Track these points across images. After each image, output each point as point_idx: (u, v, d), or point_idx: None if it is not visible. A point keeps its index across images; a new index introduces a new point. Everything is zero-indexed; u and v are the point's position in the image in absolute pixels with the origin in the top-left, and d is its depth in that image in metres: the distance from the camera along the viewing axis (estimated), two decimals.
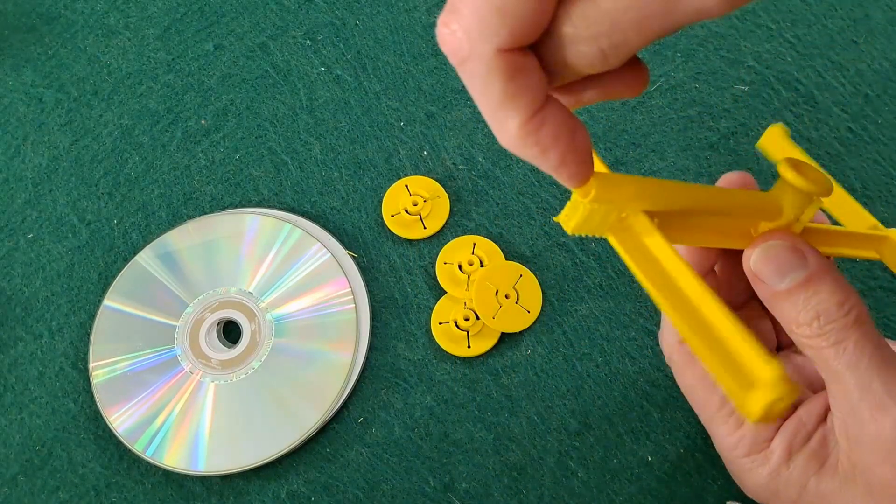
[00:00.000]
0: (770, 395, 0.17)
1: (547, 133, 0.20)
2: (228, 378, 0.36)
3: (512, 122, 0.20)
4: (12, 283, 0.40)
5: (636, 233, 0.22)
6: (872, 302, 0.36)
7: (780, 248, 0.24)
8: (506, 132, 0.20)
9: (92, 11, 0.48)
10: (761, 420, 0.18)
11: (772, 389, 0.17)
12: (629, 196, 0.22)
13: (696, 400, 0.27)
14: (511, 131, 0.20)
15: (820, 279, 0.24)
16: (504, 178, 0.40)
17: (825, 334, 0.23)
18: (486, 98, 0.20)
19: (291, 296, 0.38)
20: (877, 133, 0.40)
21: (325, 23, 0.46)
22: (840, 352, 0.23)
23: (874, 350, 0.23)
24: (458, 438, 0.35)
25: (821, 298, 0.24)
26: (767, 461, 0.25)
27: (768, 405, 0.17)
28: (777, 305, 0.24)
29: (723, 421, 0.26)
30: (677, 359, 0.28)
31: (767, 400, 0.17)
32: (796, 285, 0.24)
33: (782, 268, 0.24)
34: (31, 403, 0.37)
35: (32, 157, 0.43)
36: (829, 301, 0.23)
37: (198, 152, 0.43)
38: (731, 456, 0.27)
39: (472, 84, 0.19)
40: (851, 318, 0.23)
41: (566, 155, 0.20)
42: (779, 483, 0.25)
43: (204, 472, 0.34)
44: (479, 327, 0.36)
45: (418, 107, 0.43)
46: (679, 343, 0.28)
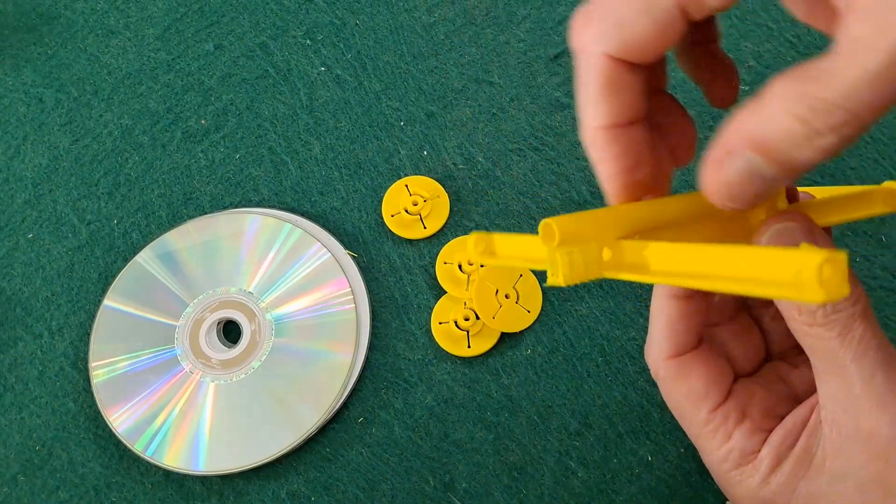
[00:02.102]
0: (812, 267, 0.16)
1: (613, 149, 0.22)
2: (228, 378, 0.36)
3: (592, 120, 0.22)
4: (12, 283, 0.40)
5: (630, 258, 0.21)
6: (873, 302, 0.36)
7: (796, 230, 0.23)
8: (584, 126, 0.23)
9: (92, 11, 0.48)
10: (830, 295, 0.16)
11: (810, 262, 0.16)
12: (595, 227, 0.21)
13: (684, 416, 0.27)
14: (587, 128, 0.23)
15: None
16: (504, 178, 0.40)
17: (831, 323, 0.23)
18: (582, 91, 0.22)
19: (291, 296, 0.38)
20: (877, 133, 0.40)
21: (325, 23, 0.46)
22: (846, 342, 0.23)
23: (879, 344, 0.23)
24: (458, 438, 0.35)
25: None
26: (756, 471, 0.25)
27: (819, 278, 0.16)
28: None
29: (710, 436, 0.26)
30: (664, 374, 0.27)
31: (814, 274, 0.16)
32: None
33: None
34: (31, 403, 0.37)
35: (32, 157, 0.43)
36: None
37: (198, 152, 0.43)
38: (721, 470, 0.26)
39: (578, 74, 0.22)
40: (859, 308, 0.23)
41: (614, 177, 0.23)
42: (769, 492, 0.25)
43: (204, 472, 0.34)
44: (479, 327, 0.36)
45: (418, 107, 0.43)
46: (665, 359, 0.27)
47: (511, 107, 0.42)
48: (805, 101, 0.17)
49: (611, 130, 0.22)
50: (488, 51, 0.44)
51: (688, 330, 0.27)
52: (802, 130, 0.18)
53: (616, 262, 0.22)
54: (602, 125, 0.22)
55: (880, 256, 0.37)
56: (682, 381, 0.27)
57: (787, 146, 0.18)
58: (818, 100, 0.17)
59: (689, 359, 0.27)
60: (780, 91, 0.18)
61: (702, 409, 0.26)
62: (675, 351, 0.27)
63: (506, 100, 0.42)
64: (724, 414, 0.26)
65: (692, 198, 0.23)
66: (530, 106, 0.42)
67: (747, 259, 0.18)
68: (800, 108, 0.17)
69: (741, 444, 0.25)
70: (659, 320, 0.27)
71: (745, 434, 0.25)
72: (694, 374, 0.26)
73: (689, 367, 0.26)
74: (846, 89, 0.17)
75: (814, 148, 0.18)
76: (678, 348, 0.27)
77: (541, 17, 0.45)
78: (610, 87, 0.22)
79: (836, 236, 0.38)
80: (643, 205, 0.23)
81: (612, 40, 0.21)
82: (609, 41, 0.21)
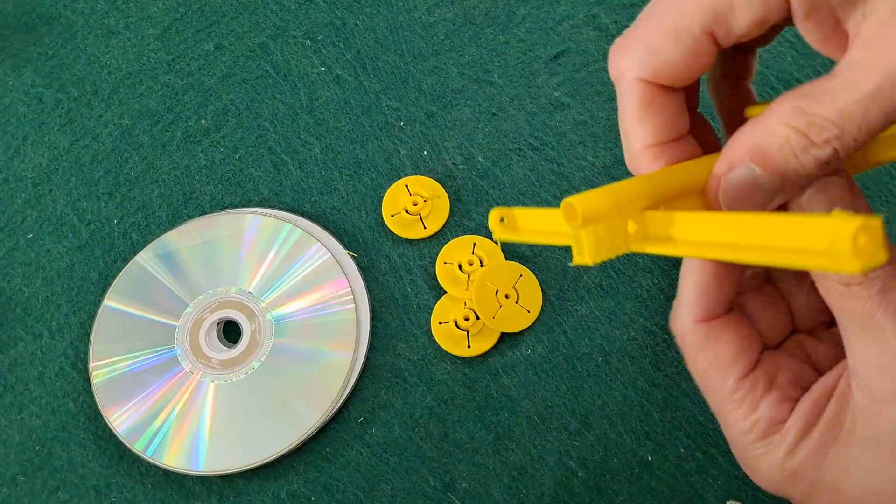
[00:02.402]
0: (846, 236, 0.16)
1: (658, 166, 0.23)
2: (228, 378, 0.36)
3: (635, 141, 0.24)
4: (12, 283, 0.40)
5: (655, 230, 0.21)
6: None
7: (837, 184, 0.22)
8: (629, 149, 0.24)
9: (92, 11, 0.48)
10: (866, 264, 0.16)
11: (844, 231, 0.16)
12: (619, 201, 0.21)
13: (709, 384, 0.26)
14: (632, 149, 0.24)
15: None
16: (504, 178, 0.40)
17: (870, 282, 0.22)
18: (623, 115, 0.24)
19: (291, 296, 0.38)
20: None
21: (325, 23, 0.46)
22: (885, 301, 0.22)
23: None
24: (458, 438, 0.35)
25: None
26: (784, 441, 0.24)
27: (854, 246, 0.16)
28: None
29: (737, 405, 0.25)
30: (691, 339, 0.26)
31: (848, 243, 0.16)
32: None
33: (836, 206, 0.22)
34: (31, 403, 0.37)
35: (32, 157, 0.43)
36: None
37: (198, 152, 0.43)
38: (745, 442, 0.25)
39: (619, 101, 0.24)
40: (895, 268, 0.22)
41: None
42: (796, 462, 0.24)
43: (204, 472, 0.34)
44: (479, 327, 0.36)
45: (418, 107, 0.43)
46: (694, 323, 0.26)
47: (511, 107, 0.42)
48: (802, 117, 0.19)
49: (653, 149, 0.24)
50: (488, 51, 0.44)
51: (720, 293, 0.26)
52: (798, 142, 0.19)
53: (642, 235, 0.21)
54: (644, 145, 0.24)
55: None
56: (710, 347, 0.26)
57: (784, 156, 0.20)
58: (814, 115, 0.19)
59: (719, 324, 0.26)
60: (780, 107, 0.20)
61: (730, 376, 0.25)
62: (705, 315, 0.26)
63: (506, 100, 0.42)
64: (752, 382, 0.25)
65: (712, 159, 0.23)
66: (530, 106, 0.42)
67: (778, 228, 0.18)
68: (797, 122, 0.19)
69: (769, 414, 0.24)
70: (690, 281, 0.26)
71: (772, 403, 0.24)
72: (724, 338, 0.25)
73: (719, 332, 0.26)
74: (840, 107, 0.19)
75: (809, 159, 0.19)
76: (709, 312, 0.26)
77: (541, 17, 0.45)
78: (647, 109, 0.23)
79: None
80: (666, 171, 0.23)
81: (645, 65, 0.23)
82: (643, 67, 0.23)
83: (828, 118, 0.19)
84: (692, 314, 0.26)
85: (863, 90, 0.19)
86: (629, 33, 0.23)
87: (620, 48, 0.24)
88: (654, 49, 0.23)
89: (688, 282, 0.26)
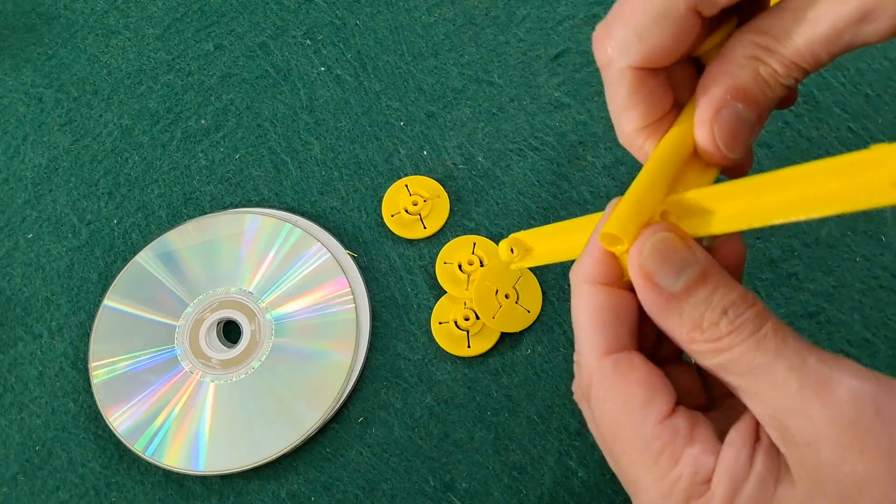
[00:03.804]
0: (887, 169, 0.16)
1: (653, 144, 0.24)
2: (228, 378, 0.36)
3: (626, 126, 0.24)
4: (12, 283, 0.40)
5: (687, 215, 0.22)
6: (873, 301, 0.36)
7: (673, 241, 0.21)
8: (621, 132, 0.24)
9: (92, 11, 0.48)
10: None
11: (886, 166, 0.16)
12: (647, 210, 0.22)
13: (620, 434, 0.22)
14: (624, 133, 0.24)
15: (715, 271, 0.21)
16: (504, 178, 0.40)
17: (739, 328, 0.20)
18: (612, 101, 0.24)
19: (291, 296, 0.38)
20: (877, 133, 0.40)
21: (325, 23, 0.46)
22: (762, 341, 0.19)
23: (792, 332, 0.20)
24: (458, 438, 0.35)
25: (724, 291, 0.20)
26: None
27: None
28: (674, 312, 0.21)
29: (652, 462, 0.21)
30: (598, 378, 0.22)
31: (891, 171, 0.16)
32: (693, 282, 0.20)
33: (678, 264, 0.21)
34: (31, 403, 0.37)
35: (32, 157, 0.43)
36: (733, 292, 0.20)
37: (198, 152, 0.43)
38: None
39: (606, 86, 0.24)
40: (760, 306, 0.20)
41: None
42: None
43: (204, 471, 0.34)
44: (479, 327, 0.36)
45: (418, 107, 0.43)
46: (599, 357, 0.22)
47: (511, 107, 0.42)
48: (768, 55, 0.21)
49: (645, 130, 0.24)
50: (488, 51, 0.44)
51: (618, 321, 0.22)
52: (768, 74, 0.21)
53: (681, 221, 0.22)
54: (636, 128, 0.24)
55: (880, 256, 0.37)
56: (621, 383, 0.22)
57: (760, 88, 0.21)
58: (779, 55, 0.21)
59: (627, 356, 0.22)
60: (742, 46, 0.21)
61: (648, 418, 0.21)
62: (609, 345, 0.22)
63: (506, 100, 0.42)
64: (674, 429, 0.21)
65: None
66: (530, 106, 0.42)
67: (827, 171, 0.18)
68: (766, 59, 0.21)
69: (690, 469, 0.20)
70: (584, 314, 0.23)
71: (697, 456, 0.20)
72: (635, 373, 0.22)
73: (629, 366, 0.22)
74: (797, 47, 0.21)
75: (778, 87, 0.21)
76: (613, 342, 0.22)
77: (541, 17, 0.45)
78: (636, 95, 0.23)
79: (836, 236, 0.38)
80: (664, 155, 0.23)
81: (632, 52, 0.22)
82: (630, 54, 0.23)
83: (788, 58, 0.21)
84: (595, 348, 0.22)
85: (817, 33, 0.20)
86: (613, 17, 0.23)
87: (605, 33, 0.23)
88: (640, 34, 0.22)
89: (581, 316, 0.23)
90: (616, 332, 0.22)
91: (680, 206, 0.21)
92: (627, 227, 0.21)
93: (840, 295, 0.36)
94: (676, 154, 0.23)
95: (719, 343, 0.20)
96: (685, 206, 0.21)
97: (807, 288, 0.37)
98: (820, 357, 0.19)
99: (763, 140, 0.40)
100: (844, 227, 0.38)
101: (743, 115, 0.22)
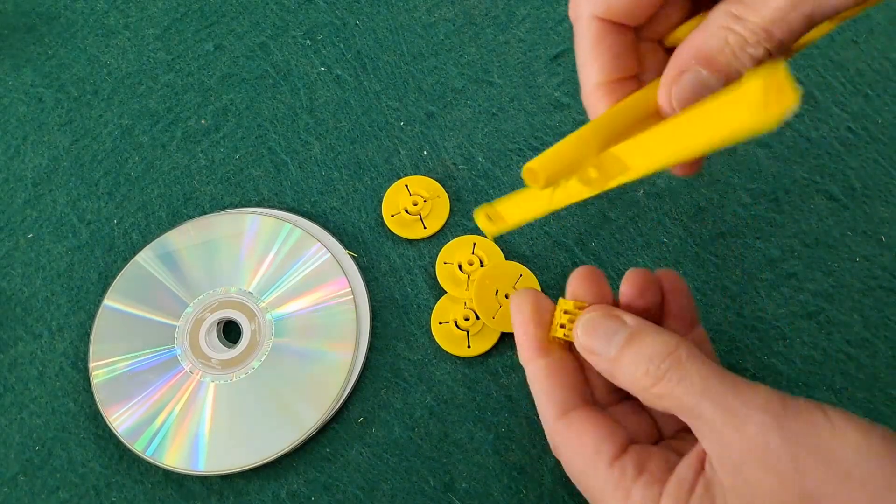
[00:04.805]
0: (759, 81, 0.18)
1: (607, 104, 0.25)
2: (228, 378, 0.36)
3: (588, 79, 0.25)
4: (12, 283, 0.40)
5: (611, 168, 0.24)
6: (873, 301, 0.36)
7: (597, 318, 0.26)
8: (583, 88, 0.26)
9: (92, 11, 0.48)
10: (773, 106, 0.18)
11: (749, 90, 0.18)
12: (572, 156, 0.24)
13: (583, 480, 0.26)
14: (586, 89, 0.26)
15: (642, 331, 0.25)
16: (504, 178, 0.40)
17: (666, 374, 0.24)
18: (578, 53, 0.26)
19: (291, 296, 0.38)
20: (877, 132, 0.40)
21: (325, 23, 0.46)
22: (688, 384, 0.23)
23: (718, 371, 0.23)
24: (458, 438, 0.35)
25: (647, 343, 0.24)
26: None
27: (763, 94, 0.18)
28: (618, 372, 0.25)
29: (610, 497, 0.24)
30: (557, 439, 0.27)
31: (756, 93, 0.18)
32: (624, 344, 0.25)
33: (607, 334, 0.25)
34: (31, 403, 0.37)
35: (32, 157, 0.43)
36: (655, 344, 0.24)
37: (198, 152, 0.43)
38: None
39: (575, 41, 0.26)
40: (683, 352, 0.24)
41: None
42: None
43: (204, 472, 0.34)
44: (479, 327, 0.36)
45: (418, 107, 0.43)
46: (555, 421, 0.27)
47: (511, 107, 0.42)
48: (737, 22, 0.22)
49: (604, 87, 0.25)
50: (488, 51, 0.44)
51: (564, 386, 0.27)
52: (737, 41, 0.22)
53: (604, 177, 0.24)
54: (596, 83, 0.25)
55: (880, 256, 0.37)
56: (574, 439, 0.26)
57: (726, 57, 0.22)
58: (746, 21, 0.22)
59: (577, 416, 0.26)
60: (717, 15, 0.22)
61: (599, 465, 0.25)
62: (560, 409, 0.27)
63: (506, 100, 0.42)
64: (622, 468, 0.25)
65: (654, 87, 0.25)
66: (530, 106, 0.42)
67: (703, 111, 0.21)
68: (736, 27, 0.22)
69: (640, 500, 0.24)
70: (535, 388, 0.27)
71: (644, 486, 0.24)
72: (583, 428, 0.26)
73: (579, 423, 0.26)
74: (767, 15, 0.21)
75: (746, 57, 0.22)
76: (563, 405, 0.27)
77: (541, 17, 0.45)
78: (599, 46, 0.25)
79: (836, 236, 0.38)
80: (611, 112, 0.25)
81: (599, 3, 0.24)
82: (597, 4, 0.24)
83: (758, 25, 0.21)
84: (550, 414, 0.27)
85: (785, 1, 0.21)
86: None
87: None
88: None
89: (534, 385, 0.27)
90: (565, 398, 0.27)
91: (604, 162, 0.24)
92: (546, 165, 0.23)
93: (840, 295, 0.36)
94: (628, 115, 0.25)
95: (655, 389, 0.24)
96: (607, 162, 0.24)
97: (807, 288, 0.37)
98: (737, 393, 0.22)
99: (763, 140, 0.40)
100: (844, 225, 0.38)
101: (705, 80, 0.23)
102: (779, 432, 0.22)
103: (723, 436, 0.22)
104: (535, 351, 0.27)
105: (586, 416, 0.26)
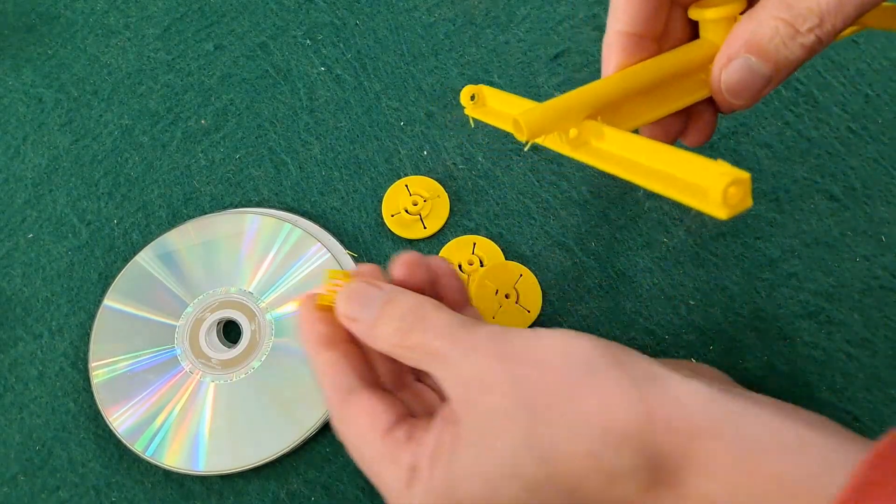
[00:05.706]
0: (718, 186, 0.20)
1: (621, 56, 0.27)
2: (228, 378, 0.36)
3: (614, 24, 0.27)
4: (12, 283, 0.40)
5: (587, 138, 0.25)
6: (873, 301, 0.36)
7: (358, 286, 0.27)
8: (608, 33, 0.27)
9: (92, 11, 0.48)
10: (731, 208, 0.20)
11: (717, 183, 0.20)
12: (560, 116, 0.25)
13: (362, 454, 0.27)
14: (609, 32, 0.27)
15: (395, 295, 0.26)
16: (504, 178, 0.40)
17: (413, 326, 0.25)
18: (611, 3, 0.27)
19: (291, 296, 0.38)
20: (877, 132, 0.40)
21: (325, 23, 0.46)
22: (433, 332, 0.25)
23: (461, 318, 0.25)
24: None
25: (398, 304, 0.26)
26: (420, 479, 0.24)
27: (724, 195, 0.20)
28: (377, 335, 0.26)
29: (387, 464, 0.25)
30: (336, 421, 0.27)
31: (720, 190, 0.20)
32: (380, 308, 0.26)
33: (366, 300, 0.27)
34: (31, 403, 0.37)
35: (32, 157, 0.43)
36: (404, 303, 0.26)
37: (198, 152, 0.43)
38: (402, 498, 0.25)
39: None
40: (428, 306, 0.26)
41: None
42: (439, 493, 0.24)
43: (204, 472, 0.34)
44: None
45: (418, 107, 0.43)
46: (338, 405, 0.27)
47: None
48: (788, 10, 0.22)
49: (624, 37, 0.26)
50: (488, 51, 0.44)
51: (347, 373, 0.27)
52: (787, 31, 0.22)
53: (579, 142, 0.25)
54: (619, 30, 0.26)
55: (880, 256, 0.37)
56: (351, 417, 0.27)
57: (776, 45, 0.23)
58: (799, 8, 0.22)
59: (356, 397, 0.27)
60: (769, 3, 0.23)
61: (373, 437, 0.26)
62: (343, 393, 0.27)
63: None
64: (393, 437, 0.25)
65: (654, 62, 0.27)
66: None
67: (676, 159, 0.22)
68: (785, 15, 0.22)
69: (409, 460, 0.25)
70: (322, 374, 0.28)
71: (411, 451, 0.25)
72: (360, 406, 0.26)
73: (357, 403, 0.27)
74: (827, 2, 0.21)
75: (796, 46, 0.22)
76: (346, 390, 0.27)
77: (541, 17, 0.45)
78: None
79: (836, 236, 0.38)
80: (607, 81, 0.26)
81: None
82: None
83: (811, 11, 0.22)
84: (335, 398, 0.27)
85: None
86: None
87: None
88: None
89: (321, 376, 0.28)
90: (349, 384, 0.27)
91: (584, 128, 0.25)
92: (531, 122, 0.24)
93: (840, 295, 0.36)
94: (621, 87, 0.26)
95: (407, 342, 0.25)
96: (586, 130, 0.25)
97: (807, 288, 0.37)
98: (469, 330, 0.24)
99: (763, 140, 0.40)
100: (844, 225, 0.38)
101: (754, 68, 0.24)
102: (497, 357, 0.23)
103: (458, 369, 0.24)
104: (321, 345, 0.28)
105: (366, 396, 0.27)
